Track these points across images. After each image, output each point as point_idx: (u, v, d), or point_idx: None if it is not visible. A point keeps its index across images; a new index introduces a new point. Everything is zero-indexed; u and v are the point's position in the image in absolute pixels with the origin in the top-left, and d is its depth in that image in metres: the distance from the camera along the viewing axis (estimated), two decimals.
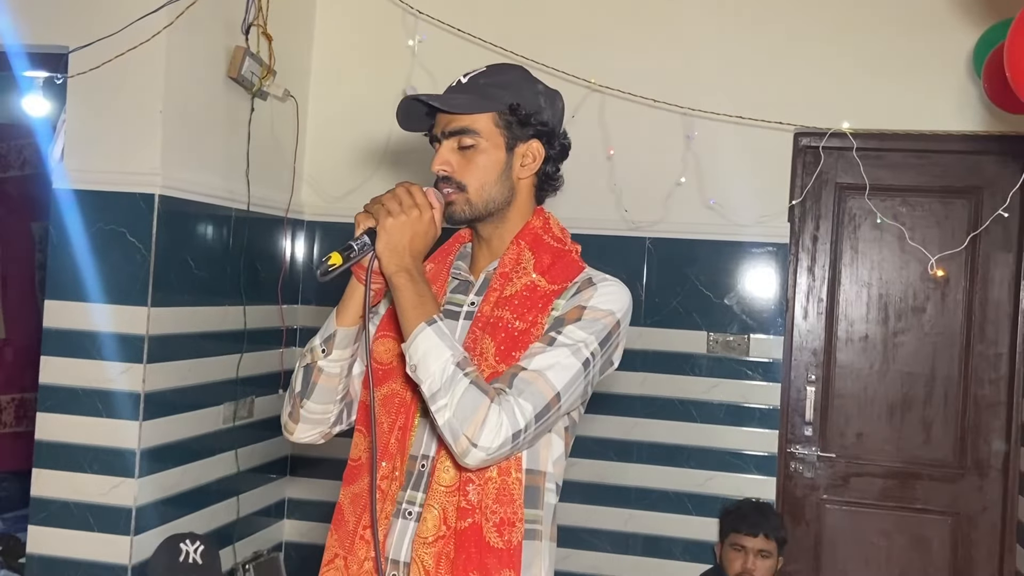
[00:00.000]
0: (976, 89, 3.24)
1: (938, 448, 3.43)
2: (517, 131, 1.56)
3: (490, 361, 1.50)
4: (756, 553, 3.03)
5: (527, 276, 1.55)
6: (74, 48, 2.82)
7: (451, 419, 1.39)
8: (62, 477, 2.82)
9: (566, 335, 1.47)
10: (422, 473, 1.53)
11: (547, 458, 1.54)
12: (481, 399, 1.39)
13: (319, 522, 3.68)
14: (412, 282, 1.46)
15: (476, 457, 1.39)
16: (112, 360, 2.79)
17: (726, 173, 3.41)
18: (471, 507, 1.47)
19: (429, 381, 1.41)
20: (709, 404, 3.42)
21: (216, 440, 3.18)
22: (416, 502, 1.52)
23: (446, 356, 1.41)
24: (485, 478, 1.47)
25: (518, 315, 1.52)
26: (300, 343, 3.68)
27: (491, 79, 1.57)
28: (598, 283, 1.53)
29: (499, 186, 1.57)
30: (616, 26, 3.50)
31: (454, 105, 1.54)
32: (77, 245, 2.82)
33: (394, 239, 1.46)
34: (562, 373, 1.45)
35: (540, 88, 1.60)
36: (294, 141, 3.56)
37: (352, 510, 1.60)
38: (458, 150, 1.56)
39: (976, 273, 3.41)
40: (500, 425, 1.38)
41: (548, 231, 1.61)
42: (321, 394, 1.59)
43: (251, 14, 3.16)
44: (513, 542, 1.47)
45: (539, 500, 1.53)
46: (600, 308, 1.50)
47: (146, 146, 2.81)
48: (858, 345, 3.48)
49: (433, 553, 1.46)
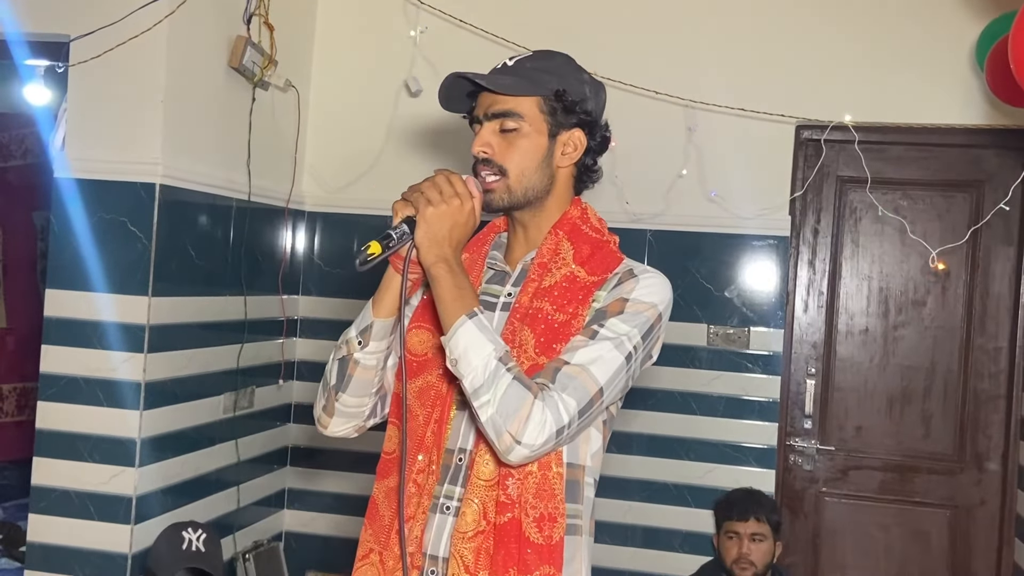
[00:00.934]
0: (978, 82, 3.23)
1: (937, 441, 3.43)
2: (561, 118, 1.53)
3: (530, 353, 1.47)
4: (750, 537, 3.04)
5: (566, 267, 1.52)
6: (75, 37, 2.81)
7: (494, 415, 1.36)
8: (63, 466, 2.82)
9: (609, 328, 1.45)
10: (459, 467, 1.51)
11: (586, 452, 1.52)
12: (525, 395, 1.36)
13: (319, 512, 3.70)
14: (451, 273, 1.43)
15: (520, 454, 1.37)
16: (113, 349, 2.80)
17: (727, 166, 3.40)
18: (510, 502, 1.44)
19: (471, 376, 1.38)
20: (709, 396, 3.42)
21: (216, 430, 3.19)
22: (454, 496, 1.50)
23: (488, 350, 1.38)
24: (525, 472, 1.45)
25: (558, 307, 1.49)
26: (300, 333, 3.68)
27: (537, 64, 1.54)
28: (639, 275, 1.51)
29: (539, 173, 1.54)
30: (617, 18, 3.49)
31: (500, 85, 1.51)
32: (78, 234, 2.83)
33: (434, 229, 1.43)
34: (605, 367, 1.42)
35: (586, 77, 1.58)
36: (295, 131, 3.56)
37: (387, 504, 1.57)
38: (500, 133, 1.52)
39: (977, 267, 3.41)
40: (544, 422, 1.36)
41: (586, 221, 1.59)
42: (357, 387, 1.57)
43: (253, 4, 3.15)
44: (554, 538, 1.44)
45: (579, 494, 1.51)
46: (643, 300, 1.48)
47: (147, 135, 2.81)
48: (858, 338, 3.48)
49: (472, 548, 1.44)
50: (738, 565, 3.02)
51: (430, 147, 3.61)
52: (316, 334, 3.67)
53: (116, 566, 2.79)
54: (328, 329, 3.64)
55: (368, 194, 3.62)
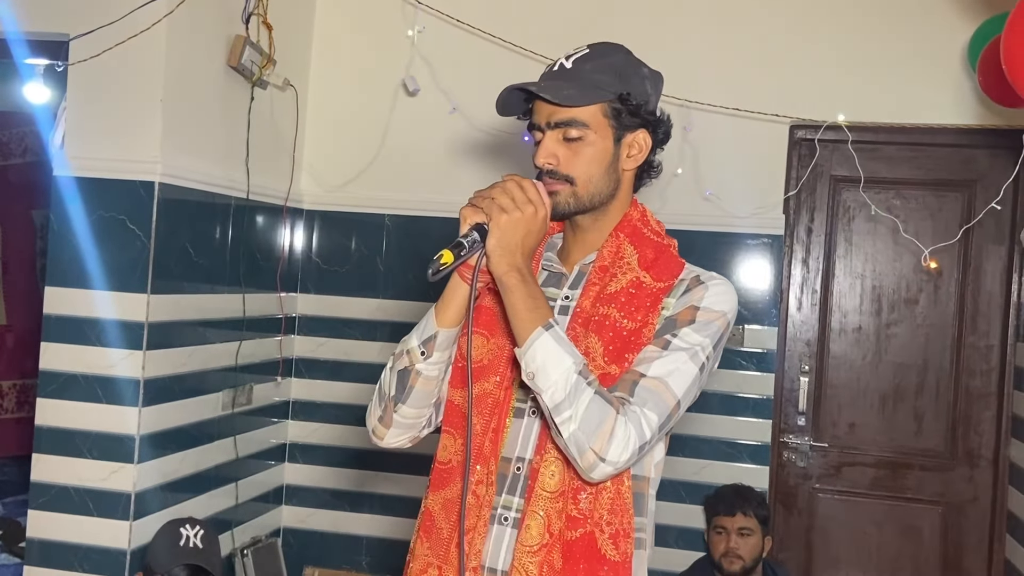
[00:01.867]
0: (971, 83, 3.26)
1: (929, 438, 3.46)
2: (626, 121, 1.49)
3: (599, 362, 1.43)
4: (737, 532, 3.07)
5: (632, 272, 1.48)
6: (75, 36, 2.83)
7: (576, 432, 1.32)
8: (62, 462, 2.84)
9: (682, 338, 1.42)
10: (517, 476, 1.47)
11: (651, 463, 1.50)
12: (607, 411, 1.33)
13: (317, 508, 3.72)
14: (524, 283, 1.39)
15: (603, 471, 1.35)
16: (112, 346, 2.81)
17: (722, 165, 3.43)
18: (583, 516, 1.41)
19: (551, 391, 1.34)
20: (703, 393, 3.42)
21: (215, 426, 3.21)
22: (512, 507, 1.46)
23: (567, 364, 1.34)
24: (599, 488, 1.41)
25: (626, 314, 1.45)
26: (299, 331, 3.70)
27: (597, 63, 1.49)
28: (707, 281, 1.48)
29: (606, 179, 1.50)
30: (613, 18, 3.51)
31: (563, 97, 1.45)
32: (78, 232, 2.84)
33: (508, 236, 1.38)
34: (681, 380, 1.40)
35: (645, 72, 1.53)
36: (293, 130, 3.58)
37: (445, 516, 1.51)
38: (564, 142, 1.48)
39: (969, 265, 3.44)
40: (628, 438, 1.33)
41: (647, 224, 1.55)
42: (418, 398, 1.52)
43: (251, 3, 3.17)
44: (629, 553, 1.42)
45: (644, 507, 1.49)
46: (713, 309, 1.45)
47: (146, 134, 2.82)
48: (851, 336, 3.51)
49: (537, 562, 1.40)
50: (726, 559, 3.05)
51: (427, 147, 3.63)
52: (314, 331, 3.69)
53: (115, 562, 2.80)
54: (326, 326, 3.66)
55: (366, 192, 3.64)
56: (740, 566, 3.04)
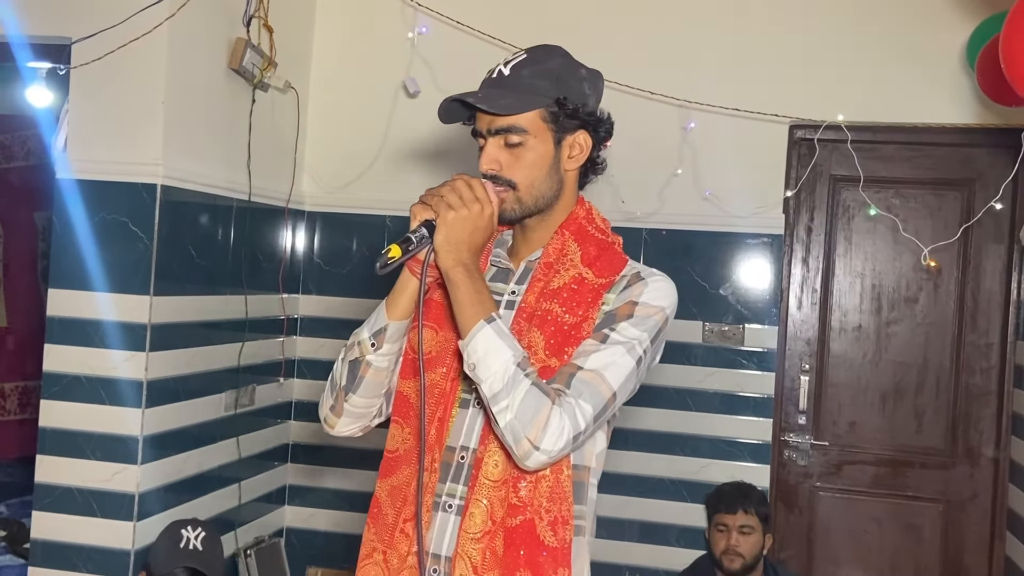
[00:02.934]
0: (970, 82, 3.27)
1: (930, 436, 3.47)
2: (564, 123, 1.53)
3: (540, 355, 1.47)
4: (738, 529, 3.08)
5: (574, 268, 1.53)
6: (77, 39, 2.84)
7: (512, 421, 1.37)
8: (66, 463, 2.85)
9: (620, 332, 1.45)
10: (461, 465, 1.51)
11: (591, 453, 1.54)
12: (543, 401, 1.37)
13: (319, 508, 3.73)
14: (470, 278, 1.44)
15: (538, 460, 1.38)
16: (115, 348, 2.82)
17: (722, 165, 3.44)
18: (523, 504, 1.45)
19: (490, 381, 1.38)
20: (704, 393, 3.46)
21: (218, 427, 3.22)
22: (456, 495, 1.50)
23: (507, 356, 1.39)
24: (538, 476, 1.45)
25: (568, 309, 1.49)
26: (301, 332, 3.72)
27: (534, 68, 1.52)
28: (647, 277, 1.52)
29: (548, 181, 1.53)
30: (613, 18, 3.52)
31: (500, 107, 1.50)
32: (80, 234, 2.85)
33: (454, 233, 1.43)
34: (618, 372, 1.43)
35: (583, 73, 1.56)
36: (295, 132, 3.59)
37: (391, 503, 1.57)
38: (505, 147, 1.52)
39: (968, 264, 3.45)
40: (562, 428, 1.37)
41: (592, 221, 1.59)
42: (368, 388, 1.57)
43: (252, 6, 3.18)
44: (567, 540, 1.46)
45: (585, 495, 1.52)
46: (652, 304, 1.48)
47: (148, 136, 2.84)
48: (851, 335, 3.52)
49: (480, 548, 1.44)
50: (727, 556, 3.07)
51: (428, 147, 3.65)
52: (316, 332, 3.70)
53: (119, 562, 2.82)
54: (328, 327, 3.67)
55: (367, 194, 3.66)
56: (741, 564, 3.05)
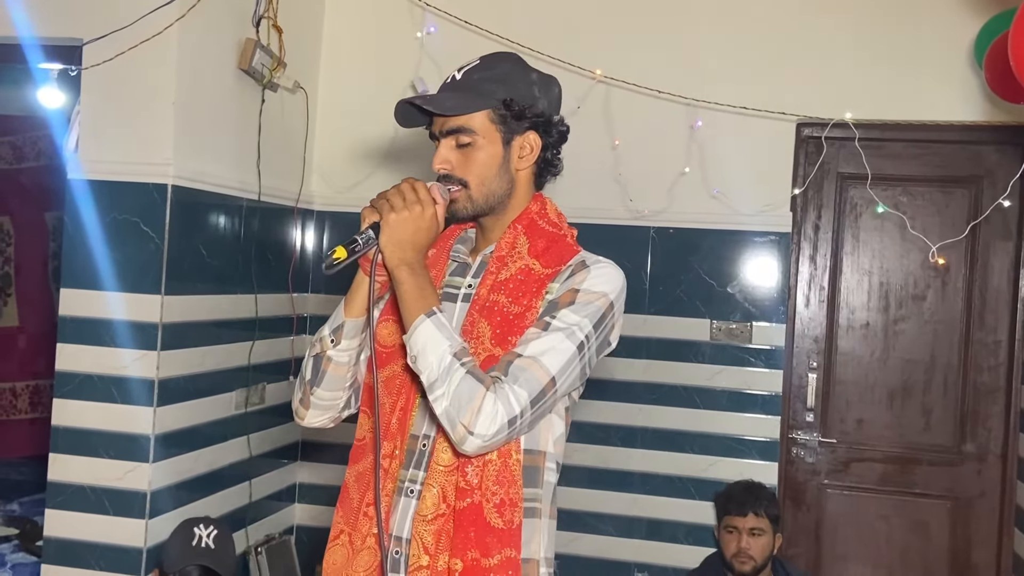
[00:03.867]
0: (977, 79, 3.27)
1: (938, 434, 3.47)
2: (513, 124, 1.58)
3: (486, 345, 1.53)
4: (748, 532, 3.08)
5: (522, 260, 1.58)
6: (88, 40, 2.86)
7: (448, 408, 1.43)
8: (78, 462, 2.87)
9: (560, 319, 1.50)
10: (423, 452, 1.57)
11: (548, 438, 1.58)
12: (477, 388, 1.42)
13: (329, 506, 3.73)
14: (413, 275, 1.50)
15: (473, 444, 1.43)
16: (127, 347, 2.84)
17: (729, 163, 3.45)
18: (470, 487, 1.50)
19: (428, 371, 1.45)
20: (712, 391, 3.47)
21: (228, 426, 3.24)
22: (417, 480, 1.56)
23: (444, 347, 1.45)
24: (484, 460, 1.51)
25: (513, 299, 1.55)
26: (310, 331, 3.73)
27: (484, 73, 1.59)
28: (591, 265, 1.56)
29: (499, 180, 1.59)
30: (621, 18, 3.53)
31: (448, 108, 1.57)
32: (92, 234, 2.87)
33: (396, 233, 1.49)
34: (557, 357, 1.47)
35: (534, 77, 1.62)
36: (304, 132, 3.61)
37: (356, 487, 1.64)
38: (456, 148, 1.58)
39: (976, 261, 3.45)
40: (496, 413, 1.41)
41: (544, 216, 1.64)
42: (331, 382, 1.64)
43: (261, 7, 3.20)
44: (515, 522, 1.51)
45: (539, 479, 1.56)
46: (593, 290, 1.53)
47: (159, 137, 2.86)
48: (859, 332, 3.53)
49: (432, 531, 1.50)
50: (737, 559, 3.07)
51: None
52: None
53: (131, 560, 2.84)
54: None
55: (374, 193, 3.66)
56: (752, 567, 3.05)
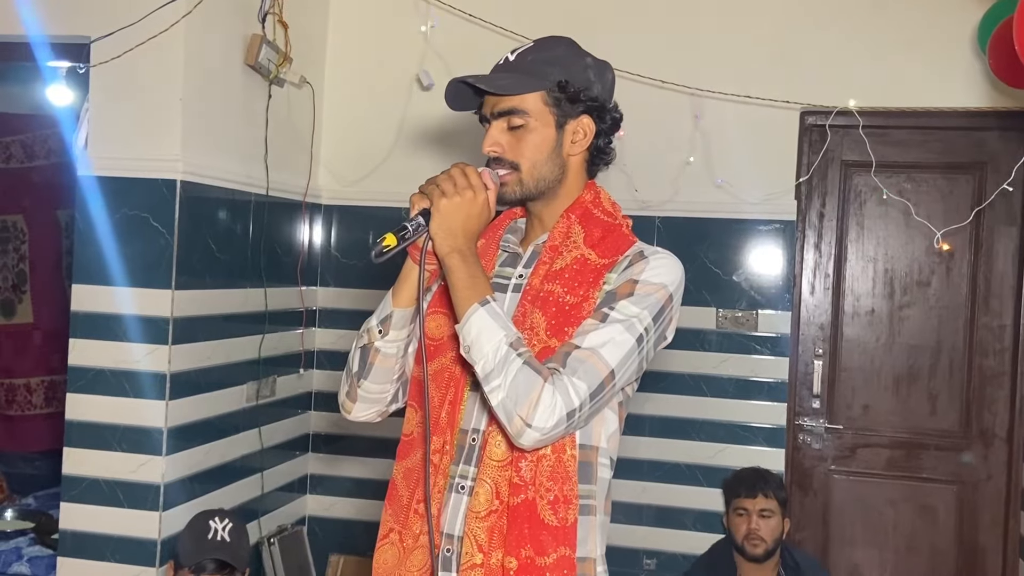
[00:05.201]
0: (981, 65, 3.27)
1: (943, 419, 3.49)
2: (567, 108, 1.55)
3: (541, 336, 1.48)
4: (759, 513, 3.09)
5: (577, 250, 1.54)
6: (96, 38, 2.88)
7: (504, 400, 1.38)
8: (92, 455, 2.90)
9: (619, 310, 1.46)
10: (473, 447, 1.53)
11: (600, 433, 1.54)
12: (535, 379, 1.38)
13: (340, 496, 3.79)
14: (465, 263, 1.46)
15: (531, 437, 1.39)
16: (138, 341, 2.87)
17: (733, 152, 3.46)
18: (523, 483, 1.46)
19: (483, 362, 1.40)
20: (719, 378, 3.49)
21: (240, 418, 3.28)
22: (468, 476, 1.52)
23: (499, 337, 1.40)
24: (538, 455, 1.47)
25: (569, 289, 1.50)
26: (319, 324, 3.77)
27: (538, 55, 1.55)
28: (649, 256, 1.52)
29: (550, 164, 1.56)
30: (624, 8, 3.54)
31: (502, 87, 1.53)
32: (102, 231, 2.90)
33: (448, 220, 1.45)
34: (616, 350, 1.44)
35: (589, 61, 1.58)
36: (311, 127, 3.63)
37: (406, 484, 1.60)
38: (508, 130, 1.55)
39: (980, 247, 3.46)
40: (554, 405, 1.37)
41: (598, 205, 1.60)
42: (378, 374, 1.61)
43: (267, 3, 3.21)
44: (569, 520, 1.46)
45: (592, 475, 1.53)
46: (652, 282, 1.49)
47: (167, 133, 2.88)
48: (864, 319, 3.55)
49: (486, 527, 1.46)
50: (749, 541, 3.08)
51: (442, 140, 3.68)
52: (335, 324, 3.75)
53: (146, 552, 2.87)
54: (346, 319, 3.72)
55: (383, 186, 3.69)
56: (763, 548, 3.06)
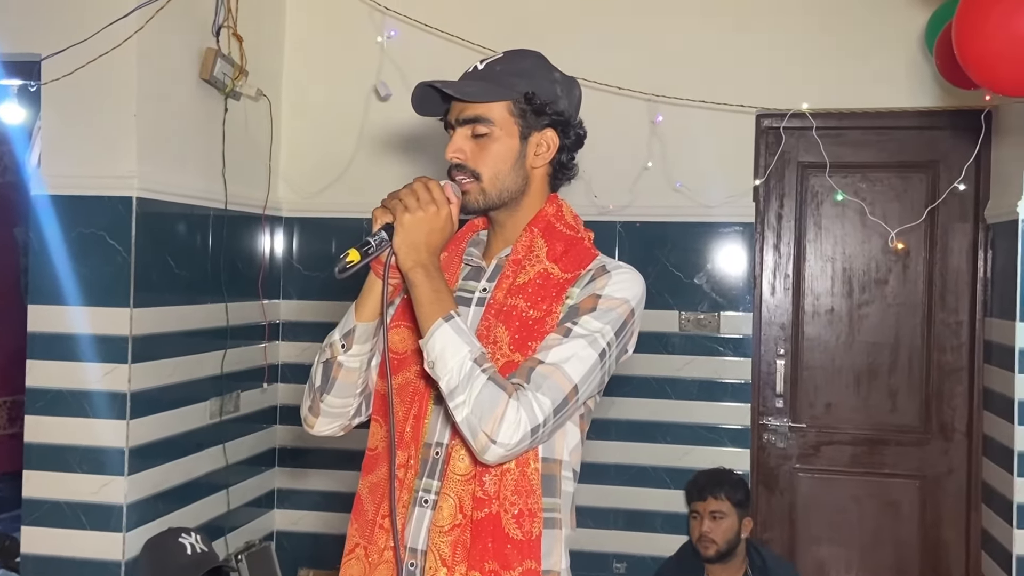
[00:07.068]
0: (929, 66, 3.33)
1: (904, 414, 3.54)
2: (532, 120, 1.54)
3: (504, 350, 1.48)
4: (709, 516, 3.12)
5: (540, 264, 1.54)
6: (47, 55, 2.85)
7: (469, 416, 1.38)
8: (53, 477, 2.87)
9: (582, 325, 1.46)
10: (436, 461, 1.53)
11: (563, 447, 1.54)
12: (499, 395, 1.38)
13: (308, 510, 3.77)
14: (429, 278, 1.46)
15: (495, 453, 1.39)
16: (97, 361, 2.84)
17: (691, 156, 3.49)
18: (487, 497, 1.46)
19: (447, 378, 1.40)
20: (683, 381, 3.52)
21: (204, 435, 3.25)
22: (432, 490, 1.52)
23: (463, 352, 1.40)
24: (502, 469, 1.47)
25: (532, 303, 1.50)
26: (282, 337, 3.75)
27: (507, 66, 1.55)
28: (611, 271, 1.52)
29: (513, 175, 1.55)
30: (580, 16, 3.57)
31: (469, 93, 1.52)
32: (57, 250, 2.86)
33: (411, 235, 1.45)
34: (579, 365, 1.44)
35: (557, 76, 1.59)
36: (269, 139, 3.61)
37: (371, 499, 1.59)
38: (472, 138, 1.54)
39: (935, 244, 3.52)
40: (519, 421, 1.37)
41: (561, 218, 1.60)
42: (341, 389, 1.59)
43: (221, 16, 3.20)
44: (534, 533, 1.46)
45: (556, 488, 1.52)
46: (614, 297, 1.49)
47: (122, 150, 2.86)
48: (824, 318, 3.59)
49: (449, 542, 1.46)
50: (701, 543, 3.11)
51: (401, 150, 3.68)
52: (298, 337, 3.73)
53: (110, 574, 2.84)
54: (310, 331, 3.71)
55: (343, 198, 3.69)
56: (715, 550, 3.09)
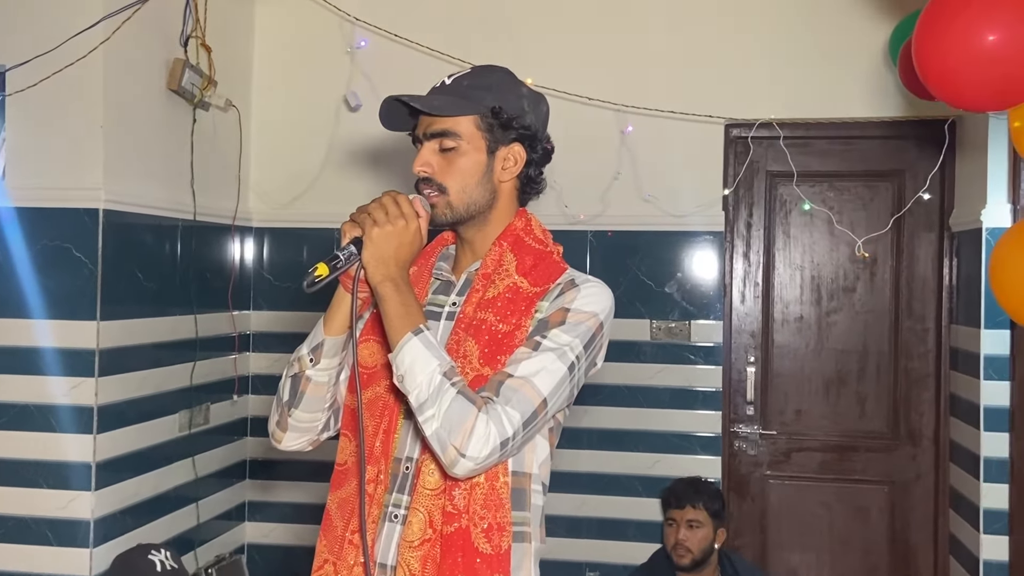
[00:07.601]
0: (893, 77, 3.38)
1: (873, 421, 3.58)
2: (499, 134, 1.55)
3: (474, 364, 1.49)
4: (686, 524, 3.15)
5: (509, 278, 1.55)
6: (11, 66, 2.81)
7: (439, 429, 1.38)
8: (18, 493, 2.83)
9: (551, 339, 1.47)
10: (406, 475, 1.53)
11: (532, 460, 1.55)
12: (468, 409, 1.38)
13: (280, 523, 3.74)
14: (398, 292, 1.46)
15: (465, 467, 1.39)
16: (63, 375, 2.81)
17: (661, 166, 3.52)
18: (457, 512, 1.47)
19: (416, 392, 1.40)
20: (654, 389, 3.54)
21: (173, 448, 3.21)
22: (402, 505, 1.52)
23: (433, 366, 1.40)
24: (472, 484, 1.47)
25: (501, 317, 1.51)
26: (252, 348, 3.72)
27: (475, 80, 1.57)
28: (580, 284, 1.53)
29: (480, 188, 1.56)
30: (550, 27, 3.58)
31: (436, 107, 1.53)
32: (21, 263, 2.83)
33: (380, 249, 1.45)
34: (548, 378, 1.45)
35: (524, 91, 1.60)
36: (238, 150, 3.59)
37: (340, 515, 1.59)
38: (439, 152, 1.55)
39: (901, 252, 3.57)
40: (488, 435, 1.38)
41: (530, 232, 1.61)
42: (309, 403, 1.59)
43: (189, 26, 3.18)
44: (503, 547, 1.47)
45: (526, 502, 1.53)
46: (583, 310, 1.50)
47: (88, 161, 2.83)
48: (793, 326, 3.63)
49: (419, 557, 1.46)
50: (676, 551, 3.14)
51: (371, 160, 3.67)
52: (268, 348, 3.71)
53: None
54: (280, 342, 3.68)
55: (313, 208, 3.67)
56: (690, 559, 3.12)
